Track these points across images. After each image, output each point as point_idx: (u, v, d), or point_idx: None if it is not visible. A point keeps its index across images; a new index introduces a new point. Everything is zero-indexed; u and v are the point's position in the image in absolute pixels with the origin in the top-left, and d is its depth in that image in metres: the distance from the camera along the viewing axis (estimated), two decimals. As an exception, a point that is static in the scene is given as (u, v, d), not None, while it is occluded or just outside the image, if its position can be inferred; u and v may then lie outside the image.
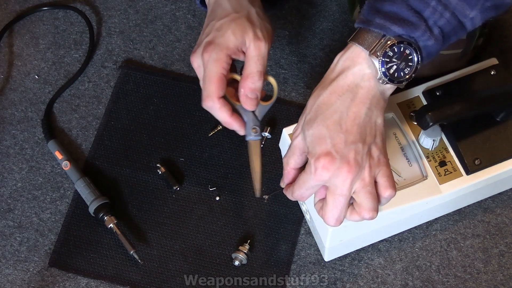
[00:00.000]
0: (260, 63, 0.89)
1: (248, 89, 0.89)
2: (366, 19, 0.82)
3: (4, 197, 1.09)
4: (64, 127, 1.13)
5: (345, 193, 0.82)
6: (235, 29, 0.88)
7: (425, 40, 0.82)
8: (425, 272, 1.02)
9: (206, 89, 0.89)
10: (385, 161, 0.84)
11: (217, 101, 0.89)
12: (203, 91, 0.89)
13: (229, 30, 0.89)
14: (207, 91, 0.89)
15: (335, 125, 0.82)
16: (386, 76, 0.82)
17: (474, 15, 0.82)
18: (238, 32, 0.88)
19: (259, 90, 0.90)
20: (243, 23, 0.89)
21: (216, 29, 0.89)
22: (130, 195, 1.08)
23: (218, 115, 0.90)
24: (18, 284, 1.03)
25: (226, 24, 0.89)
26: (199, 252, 1.04)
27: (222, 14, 0.90)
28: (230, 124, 0.91)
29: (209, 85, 0.88)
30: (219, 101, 0.89)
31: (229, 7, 0.90)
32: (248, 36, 0.89)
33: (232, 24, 0.89)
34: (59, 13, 1.22)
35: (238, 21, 0.89)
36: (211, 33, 0.89)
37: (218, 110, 0.89)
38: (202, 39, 0.90)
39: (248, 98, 0.90)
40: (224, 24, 0.89)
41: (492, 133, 0.99)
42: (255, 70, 0.89)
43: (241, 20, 0.89)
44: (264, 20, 0.92)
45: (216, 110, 0.90)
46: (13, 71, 1.17)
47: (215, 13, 0.91)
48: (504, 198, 1.06)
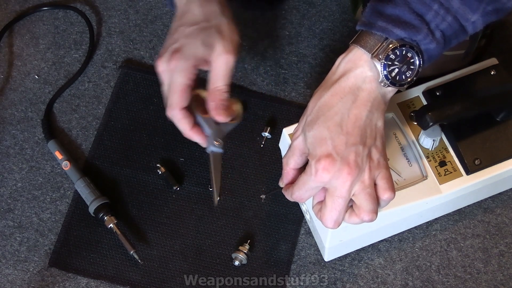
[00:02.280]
0: (228, 77, 0.89)
1: (218, 101, 0.89)
2: (368, 22, 0.82)
3: (4, 197, 1.09)
4: (64, 127, 1.13)
5: (344, 195, 0.82)
6: (204, 40, 0.88)
7: (427, 43, 0.82)
8: (425, 272, 1.02)
9: (170, 98, 0.89)
10: (384, 163, 0.84)
11: (179, 112, 0.89)
12: (168, 100, 0.89)
13: (198, 39, 0.88)
14: (170, 100, 0.89)
15: (336, 126, 0.82)
16: (388, 79, 0.82)
17: (475, 19, 0.82)
18: (207, 43, 0.88)
19: (227, 102, 0.90)
20: (212, 35, 0.88)
21: (184, 36, 0.89)
22: (130, 195, 1.08)
23: (179, 126, 0.90)
24: (18, 284, 1.03)
25: (195, 33, 0.88)
26: (199, 252, 1.04)
27: (192, 21, 0.89)
28: (190, 136, 0.91)
29: (173, 95, 0.88)
30: (180, 112, 0.89)
31: (200, 15, 0.90)
32: (217, 49, 0.88)
33: (202, 34, 0.88)
34: (59, 13, 1.22)
35: (207, 31, 0.89)
36: (179, 40, 0.89)
37: (179, 121, 0.89)
38: (169, 44, 0.89)
39: (219, 110, 0.89)
40: (194, 32, 0.89)
41: (492, 133, 0.99)
42: (222, 84, 0.89)
43: (211, 31, 0.89)
44: (233, 32, 0.91)
45: (177, 120, 0.90)
46: (13, 71, 1.17)
47: (184, 18, 0.90)
48: (504, 198, 1.06)
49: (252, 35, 1.19)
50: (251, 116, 1.12)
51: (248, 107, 1.13)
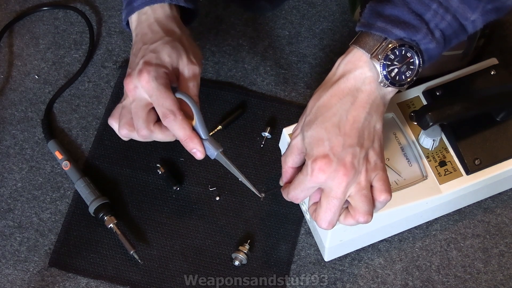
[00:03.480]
0: (196, 87, 0.90)
1: None
2: (367, 23, 0.82)
3: (4, 197, 1.09)
4: (64, 127, 1.13)
5: (339, 196, 0.82)
6: (170, 51, 0.89)
7: (427, 43, 0.82)
8: (425, 272, 1.02)
9: (163, 106, 0.87)
10: (382, 166, 0.84)
11: (180, 112, 0.87)
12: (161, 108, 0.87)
13: (164, 51, 0.89)
14: (165, 107, 0.87)
15: (334, 127, 0.82)
16: (388, 79, 0.82)
17: (475, 18, 0.82)
18: (173, 55, 0.89)
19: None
20: (176, 47, 0.90)
21: (151, 51, 0.89)
22: (130, 195, 1.08)
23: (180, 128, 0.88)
24: (18, 284, 1.03)
25: (160, 46, 0.89)
26: (199, 252, 1.04)
27: (155, 37, 0.90)
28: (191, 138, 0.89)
29: (165, 100, 0.87)
30: (181, 113, 0.88)
31: (161, 32, 0.90)
32: (182, 60, 0.89)
33: (167, 47, 0.89)
34: (59, 13, 1.22)
35: (172, 44, 0.89)
36: (147, 55, 0.89)
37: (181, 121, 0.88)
38: (136, 62, 0.89)
39: None
40: (159, 46, 0.89)
41: (492, 133, 0.99)
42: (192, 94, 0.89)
43: (175, 43, 0.90)
44: (195, 46, 0.93)
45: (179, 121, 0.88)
46: (13, 71, 1.17)
47: (146, 38, 0.91)
48: (504, 198, 1.06)
49: (252, 35, 1.19)
50: (251, 116, 1.12)
51: (248, 107, 1.13)
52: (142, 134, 0.89)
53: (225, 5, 1.21)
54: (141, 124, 0.88)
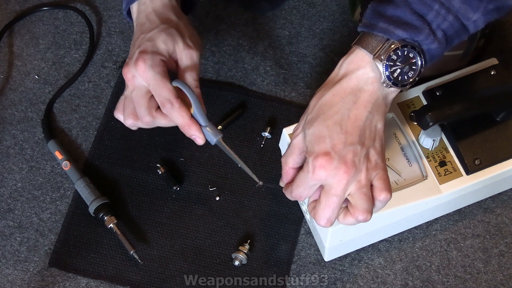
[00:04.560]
0: (195, 72, 0.91)
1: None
2: (369, 23, 0.83)
3: (4, 197, 1.09)
4: (64, 127, 1.13)
5: (339, 193, 0.82)
6: (165, 38, 0.90)
7: (429, 43, 0.82)
8: (425, 272, 1.02)
9: (160, 95, 0.88)
10: (382, 165, 0.84)
11: (177, 101, 0.89)
12: (158, 97, 0.88)
13: (159, 39, 0.90)
14: (162, 96, 0.88)
15: (335, 125, 0.82)
16: (390, 79, 0.82)
17: (477, 17, 0.82)
18: (168, 42, 0.90)
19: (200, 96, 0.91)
20: (172, 33, 0.91)
21: (146, 40, 0.90)
22: (130, 195, 1.08)
23: (179, 115, 0.89)
24: (18, 284, 1.03)
25: (156, 35, 0.90)
26: (199, 252, 1.04)
27: (152, 26, 0.92)
28: (189, 126, 0.90)
29: (162, 90, 0.88)
30: (177, 100, 0.89)
31: (158, 21, 0.92)
32: (179, 45, 0.91)
33: (162, 34, 0.90)
34: (59, 13, 1.22)
35: (167, 31, 0.91)
36: (143, 44, 0.90)
37: (179, 109, 0.89)
38: (133, 52, 0.91)
39: None
40: (154, 34, 0.91)
41: (492, 133, 0.99)
42: (191, 80, 0.91)
43: (170, 30, 0.91)
44: (193, 32, 0.94)
45: (176, 109, 0.89)
46: (13, 71, 1.17)
47: (144, 27, 0.92)
48: (504, 198, 1.06)
49: (252, 35, 1.19)
50: (251, 116, 1.12)
51: (248, 107, 1.13)
52: (146, 121, 0.91)
53: (225, 5, 1.21)
54: (143, 112, 0.90)
